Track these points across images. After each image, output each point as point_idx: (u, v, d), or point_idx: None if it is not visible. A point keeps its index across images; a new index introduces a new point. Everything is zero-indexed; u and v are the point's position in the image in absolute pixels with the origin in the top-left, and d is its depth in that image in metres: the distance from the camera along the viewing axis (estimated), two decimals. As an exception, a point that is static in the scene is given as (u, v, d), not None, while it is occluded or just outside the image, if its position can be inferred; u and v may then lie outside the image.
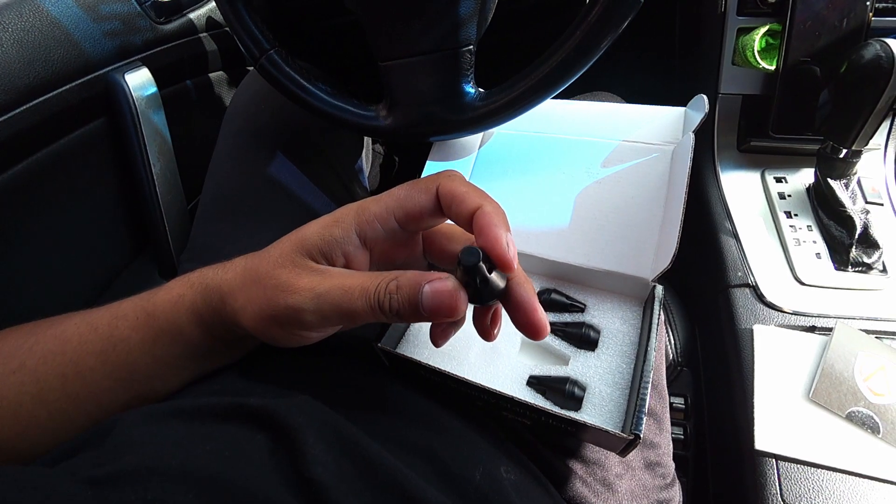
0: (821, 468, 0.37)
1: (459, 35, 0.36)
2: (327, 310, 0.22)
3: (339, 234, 0.24)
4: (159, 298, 0.27)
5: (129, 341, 0.26)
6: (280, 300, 0.23)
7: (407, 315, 0.22)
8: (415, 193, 0.24)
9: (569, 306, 0.37)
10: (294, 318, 0.23)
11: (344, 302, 0.22)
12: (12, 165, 0.47)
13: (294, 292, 0.23)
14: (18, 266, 0.49)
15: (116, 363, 0.26)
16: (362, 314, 0.22)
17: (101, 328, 0.26)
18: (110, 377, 0.26)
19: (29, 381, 0.25)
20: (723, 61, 0.55)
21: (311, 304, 0.22)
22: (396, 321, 0.23)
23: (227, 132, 0.52)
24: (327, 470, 0.20)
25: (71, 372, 0.25)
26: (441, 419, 0.28)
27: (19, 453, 0.25)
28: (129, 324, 0.26)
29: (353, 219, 0.24)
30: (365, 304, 0.22)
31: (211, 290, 0.26)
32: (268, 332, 0.24)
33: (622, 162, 0.40)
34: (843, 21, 0.50)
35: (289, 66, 0.41)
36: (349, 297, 0.22)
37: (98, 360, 0.26)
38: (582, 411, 0.31)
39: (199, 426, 0.23)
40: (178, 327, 0.26)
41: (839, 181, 0.47)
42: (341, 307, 0.22)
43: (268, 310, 0.23)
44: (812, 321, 0.44)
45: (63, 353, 0.26)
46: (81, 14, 0.51)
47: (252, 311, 0.24)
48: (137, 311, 0.27)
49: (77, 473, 0.18)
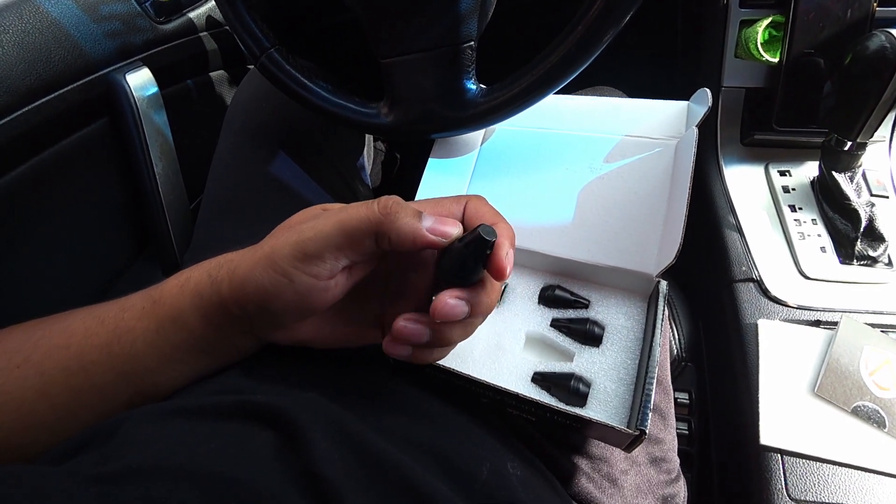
0: (826, 463, 0.37)
1: (460, 31, 0.36)
2: (329, 229, 0.23)
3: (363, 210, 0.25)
4: (168, 285, 0.27)
5: (133, 332, 0.26)
6: (282, 238, 0.24)
7: (407, 223, 0.23)
8: (449, 203, 0.26)
9: (573, 302, 0.37)
10: (297, 252, 0.23)
11: (344, 216, 0.23)
12: (15, 167, 0.47)
13: (296, 227, 0.24)
14: (22, 267, 0.50)
15: (120, 356, 0.26)
16: (359, 222, 0.23)
17: (107, 320, 0.26)
18: (113, 371, 0.26)
19: (32, 374, 0.25)
20: (725, 54, 0.55)
21: (311, 231, 0.23)
22: (394, 233, 0.23)
23: (228, 131, 0.52)
24: (334, 467, 0.20)
25: (75, 366, 0.25)
26: (446, 416, 0.28)
27: (21, 449, 0.25)
28: (134, 314, 0.26)
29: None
30: (365, 210, 0.23)
31: (220, 264, 0.26)
32: (257, 285, 0.24)
33: (625, 157, 0.40)
34: (847, 12, 0.49)
35: (289, 65, 0.41)
36: (348, 212, 0.23)
37: (102, 354, 0.25)
38: (587, 407, 0.31)
39: (204, 424, 0.22)
40: (180, 313, 0.26)
41: (844, 174, 0.47)
42: (342, 221, 0.23)
43: (267, 250, 0.24)
44: (817, 315, 0.44)
45: (68, 347, 0.26)
46: (82, 15, 0.51)
47: (249, 259, 0.24)
48: (145, 300, 0.27)
49: (80, 472, 0.18)
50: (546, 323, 0.36)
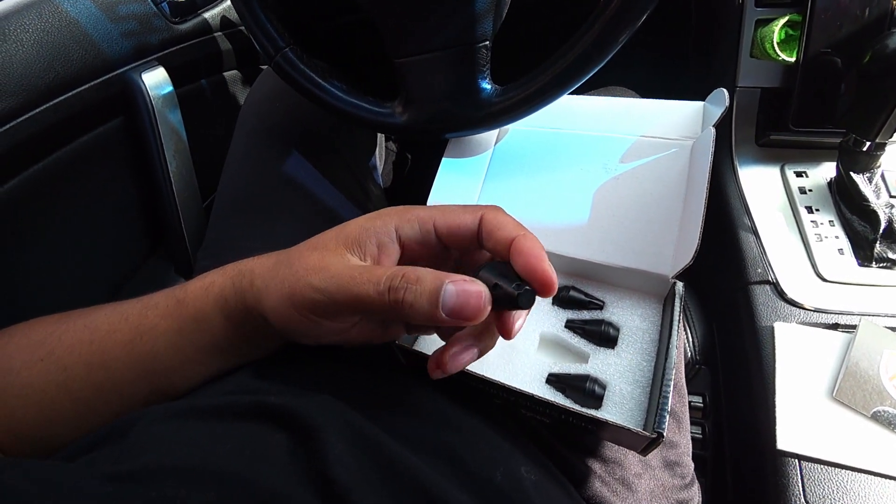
0: (845, 469, 0.36)
1: (475, 31, 0.36)
2: (334, 291, 0.22)
3: (378, 224, 0.25)
4: (192, 286, 0.27)
5: (156, 330, 0.26)
6: (301, 279, 0.23)
7: (421, 309, 0.21)
8: (460, 211, 0.25)
9: (587, 303, 0.36)
10: (308, 299, 0.23)
11: (352, 285, 0.22)
12: (32, 164, 0.47)
13: (314, 272, 0.23)
14: (36, 264, 0.50)
15: (141, 353, 0.26)
16: (368, 300, 0.22)
17: (131, 317, 0.27)
18: (133, 369, 0.26)
19: (55, 369, 0.25)
20: (741, 54, 0.54)
21: (322, 282, 0.23)
22: (406, 317, 0.22)
23: (241, 130, 0.52)
24: (349, 470, 0.20)
25: (97, 361, 0.26)
26: (460, 418, 0.28)
27: (41, 441, 0.26)
28: (159, 312, 0.27)
29: (395, 214, 0.25)
30: (373, 290, 0.21)
31: (243, 273, 0.26)
32: (285, 318, 0.24)
33: (640, 157, 0.39)
34: (866, 10, 0.48)
35: (304, 64, 0.41)
36: (356, 281, 0.22)
37: (124, 351, 0.26)
38: (602, 409, 0.31)
39: (219, 424, 0.22)
40: (204, 314, 0.26)
41: (862, 175, 0.46)
42: (350, 290, 0.22)
43: (288, 289, 0.23)
44: (835, 318, 0.43)
45: (91, 342, 0.26)
46: (99, 14, 0.51)
47: (275, 291, 0.24)
48: (169, 299, 0.27)
49: (96, 469, 0.19)
50: (560, 324, 0.36)
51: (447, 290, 0.21)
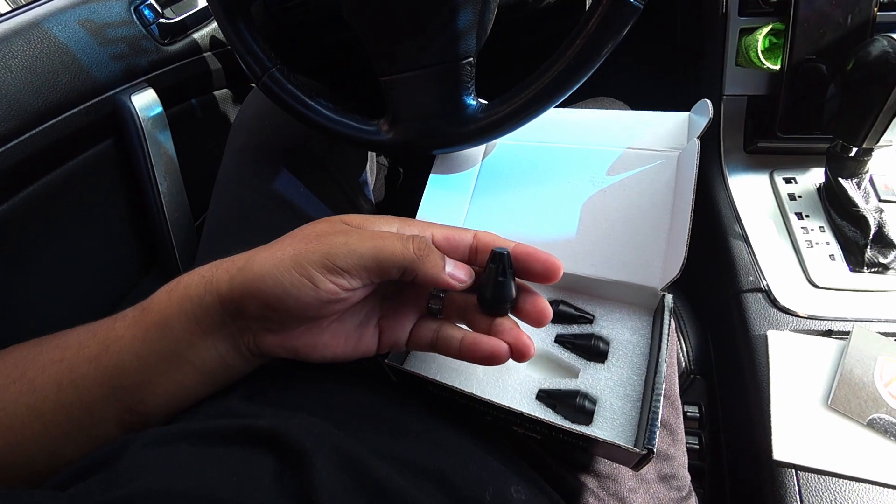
0: (842, 478, 0.36)
1: (459, 48, 0.36)
2: (363, 251, 0.25)
3: (381, 223, 0.28)
4: (157, 293, 0.27)
5: (121, 341, 0.26)
6: (309, 246, 0.25)
7: (433, 269, 0.26)
8: (459, 230, 0.29)
9: (577, 318, 0.36)
10: (326, 262, 0.24)
11: (377, 238, 0.25)
12: (23, 188, 0.48)
13: (324, 238, 0.25)
14: (29, 287, 0.50)
15: (108, 367, 0.25)
16: (396, 259, 0.25)
17: (99, 332, 0.26)
18: (102, 385, 0.26)
19: (27, 390, 0.25)
20: (726, 63, 0.55)
21: (343, 247, 0.24)
22: (423, 268, 0.26)
23: (231, 149, 0.52)
24: (335, 495, 0.20)
25: (66, 380, 0.25)
26: (450, 439, 0.28)
27: (13, 468, 0.25)
28: (124, 323, 0.27)
29: (398, 220, 0.29)
30: (400, 244, 0.25)
31: (217, 265, 0.26)
32: (274, 284, 0.24)
33: (627, 169, 0.39)
34: (848, 17, 0.49)
35: (291, 84, 0.41)
36: (381, 236, 0.25)
37: (91, 367, 0.25)
38: (593, 425, 0.31)
39: (209, 449, 0.22)
40: (166, 318, 0.26)
41: (851, 180, 0.46)
42: (378, 248, 0.25)
43: (292, 251, 0.25)
44: (828, 325, 0.43)
45: (61, 360, 0.26)
46: (89, 38, 0.52)
47: (267, 258, 0.25)
48: (136, 309, 0.27)
49: (89, 497, 0.18)
50: (550, 339, 0.36)
51: (448, 260, 0.27)
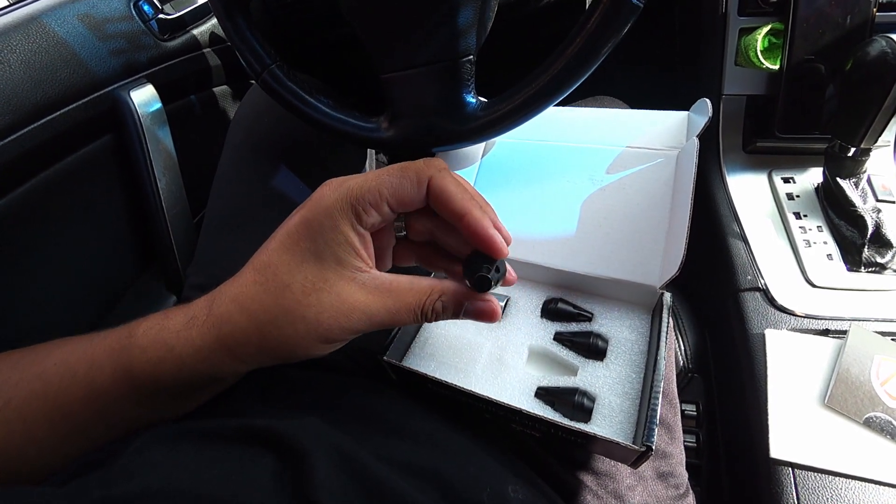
0: (839, 476, 0.36)
1: (459, 45, 0.36)
2: (378, 322, 0.25)
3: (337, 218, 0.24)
4: (136, 353, 0.25)
5: (107, 395, 0.25)
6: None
7: (447, 315, 0.26)
8: (407, 184, 0.25)
9: (576, 315, 0.36)
10: (326, 336, 0.24)
11: (394, 320, 0.25)
12: (21, 183, 0.47)
13: (342, 315, 0.24)
14: (28, 282, 0.50)
15: (100, 409, 0.26)
16: (407, 323, 0.26)
17: (79, 374, 0.26)
18: (96, 421, 0.26)
19: (15, 419, 0.25)
20: (725, 62, 0.55)
21: (364, 324, 0.24)
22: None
23: (230, 145, 0.52)
24: (333, 494, 0.20)
25: (57, 416, 0.25)
26: (448, 439, 0.28)
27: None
28: (105, 377, 0.25)
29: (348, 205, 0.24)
30: (412, 318, 0.25)
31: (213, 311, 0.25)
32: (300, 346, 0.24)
33: (626, 168, 0.39)
34: (847, 17, 0.49)
35: (290, 80, 0.41)
36: (398, 317, 0.25)
37: (82, 405, 0.25)
38: (592, 422, 0.31)
39: (208, 448, 0.23)
40: (158, 384, 0.25)
41: (848, 180, 0.46)
42: (393, 321, 0.25)
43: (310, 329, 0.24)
44: (825, 324, 0.43)
45: (46, 397, 0.25)
46: (88, 33, 0.52)
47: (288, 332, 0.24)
48: (115, 365, 0.25)
49: (88, 493, 0.19)
50: (549, 337, 0.36)
51: (467, 309, 0.26)
